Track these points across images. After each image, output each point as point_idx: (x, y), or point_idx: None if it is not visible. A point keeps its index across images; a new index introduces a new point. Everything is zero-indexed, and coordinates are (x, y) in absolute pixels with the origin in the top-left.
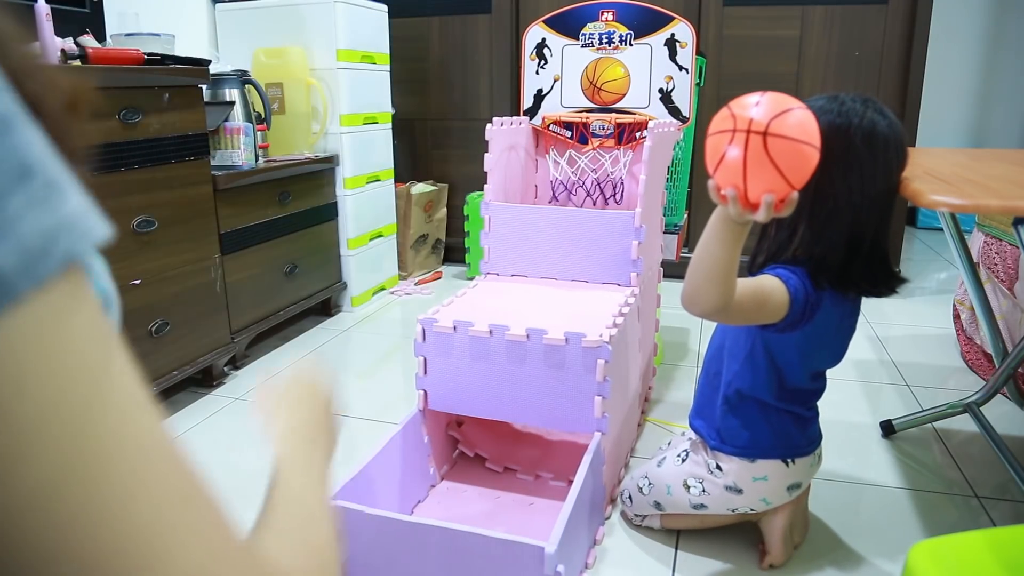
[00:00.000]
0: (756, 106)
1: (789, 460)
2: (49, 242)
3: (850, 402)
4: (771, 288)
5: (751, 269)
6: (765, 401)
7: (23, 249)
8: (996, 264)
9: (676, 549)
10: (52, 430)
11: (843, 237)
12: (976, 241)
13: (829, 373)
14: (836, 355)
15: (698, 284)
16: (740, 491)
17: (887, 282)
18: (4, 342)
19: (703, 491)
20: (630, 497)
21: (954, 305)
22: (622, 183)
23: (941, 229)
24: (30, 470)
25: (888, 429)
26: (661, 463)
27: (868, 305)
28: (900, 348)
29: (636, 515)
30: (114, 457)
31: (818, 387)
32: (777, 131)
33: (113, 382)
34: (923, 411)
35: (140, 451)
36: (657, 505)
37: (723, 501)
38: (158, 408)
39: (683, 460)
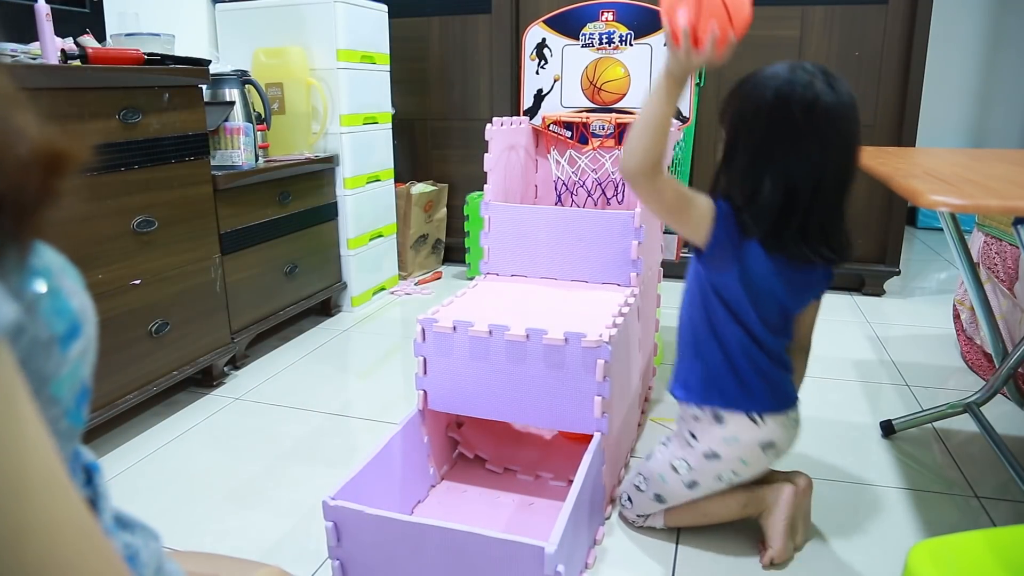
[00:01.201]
0: None
1: (756, 416)
2: None
3: (850, 402)
4: (701, 201)
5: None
6: (726, 349)
7: None
8: (996, 264)
9: (676, 549)
10: None
11: (775, 196)
12: (976, 241)
13: (828, 373)
14: (786, 309)
15: (631, 138)
16: (717, 455)
17: (818, 251)
18: None
19: (688, 467)
20: (629, 499)
21: (954, 305)
22: (623, 183)
23: (941, 229)
24: None
25: (888, 429)
26: (650, 457)
27: (868, 305)
28: (900, 348)
29: (638, 516)
30: (24, 542)
31: (780, 343)
32: None
33: (23, 467)
34: (923, 411)
35: (52, 535)
36: (658, 498)
37: (707, 471)
38: (69, 482)
39: (666, 445)
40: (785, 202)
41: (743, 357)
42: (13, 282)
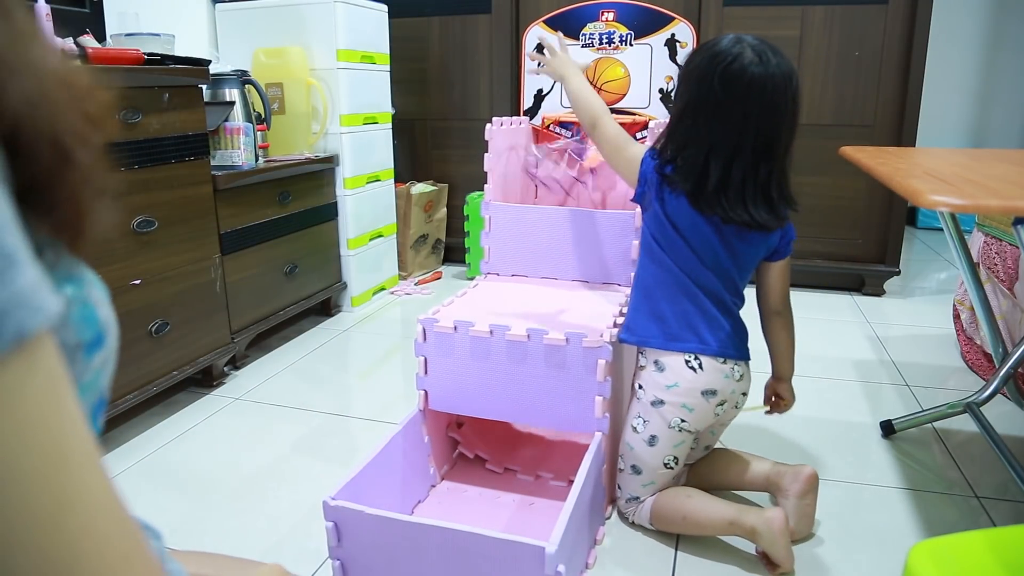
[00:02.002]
0: None
1: (692, 361)
2: (1, 318)
3: (850, 402)
4: (635, 149)
5: None
6: (664, 288)
7: None
8: (996, 264)
9: (676, 549)
10: (7, 491)
11: (696, 156)
12: (976, 241)
13: (828, 373)
14: (725, 261)
15: (577, 112)
16: (661, 401)
17: (742, 212)
18: None
19: (643, 421)
20: (619, 486)
21: (954, 305)
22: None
23: (941, 229)
24: None
25: (888, 429)
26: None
27: (868, 305)
28: (900, 348)
29: (627, 500)
30: (66, 515)
31: (719, 286)
32: None
33: (66, 446)
34: (923, 411)
35: (89, 510)
36: (635, 469)
37: (656, 421)
38: (105, 464)
39: (627, 417)
40: (704, 163)
41: (681, 295)
42: (54, 280)
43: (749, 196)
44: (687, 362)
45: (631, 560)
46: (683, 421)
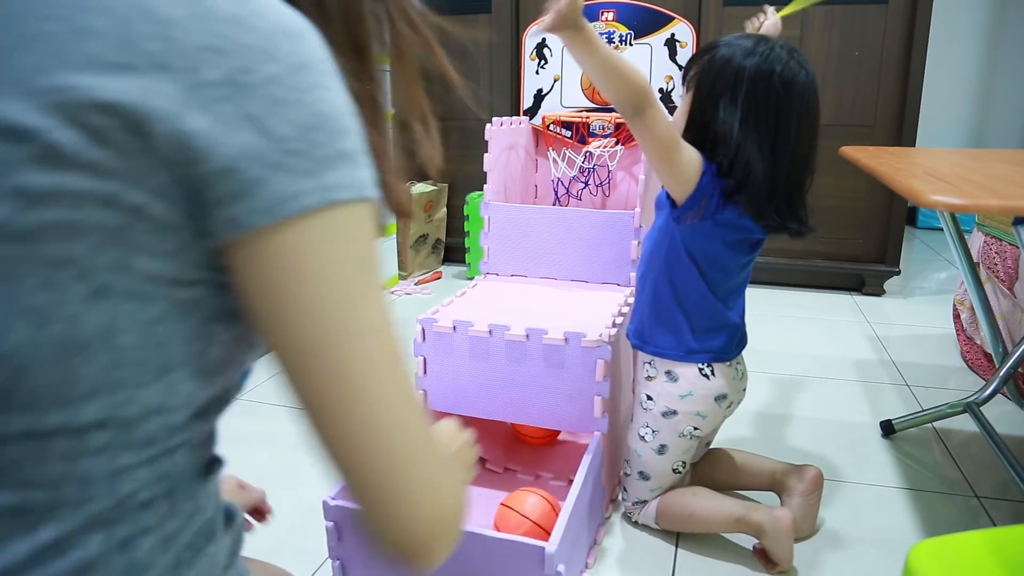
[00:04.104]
0: None
1: (705, 369)
2: (347, 179)
3: (850, 402)
4: (691, 152)
5: None
6: (684, 302)
7: (329, 184)
8: (996, 264)
9: (676, 549)
10: (330, 298)
11: (763, 172)
12: (976, 241)
13: (828, 373)
14: (745, 266)
15: (602, 89)
16: (674, 412)
17: (790, 222)
18: (322, 231)
19: (652, 431)
20: (625, 489)
21: (954, 305)
22: (608, 182)
23: (941, 229)
24: (301, 333)
25: (888, 429)
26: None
27: (868, 305)
28: (900, 348)
29: (634, 504)
30: (363, 340)
31: (736, 296)
32: None
33: (372, 286)
34: (923, 411)
35: (380, 355)
36: (642, 475)
37: (668, 429)
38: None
39: (633, 422)
40: (765, 172)
41: (703, 307)
42: None
43: (797, 204)
44: (700, 370)
45: (631, 560)
46: (695, 429)
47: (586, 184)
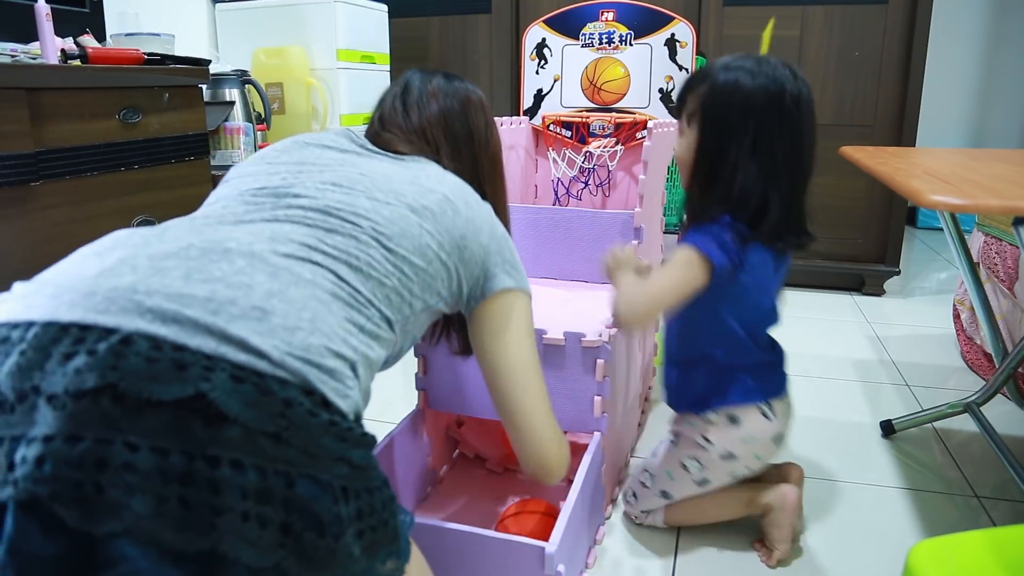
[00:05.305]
0: None
1: (767, 410)
2: (522, 279)
3: (850, 402)
4: (686, 270)
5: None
6: (732, 353)
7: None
8: (996, 264)
9: (676, 549)
10: (514, 338)
11: (779, 199)
12: (976, 241)
13: (828, 373)
14: (774, 298)
15: (636, 304)
16: (734, 456)
17: (799, 239)
18: (515, 301)
19: (700, 466)
20: (635, 495)
21: (954, 305)
22: (607, 181)
23: (941, 229)
24: (503, 357)
25: (888, 429)
26: (655, 453)
27: (868, 305)
28: (900, 348)
29: (642, 511)
30: (527, 367)
31: (773, 328)
32: None
33: (532, 335)
34: (923, 411)
35: (536, 373)
36: (664, 494)
37: (721, 470)
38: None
39: (675, 443)
40: (772, 194)
41: (747, 354)
42: None
43: (803, 218)
44: (762, 412)
45: (631, 560)
46: (748, 470)
47: (586, 184)
